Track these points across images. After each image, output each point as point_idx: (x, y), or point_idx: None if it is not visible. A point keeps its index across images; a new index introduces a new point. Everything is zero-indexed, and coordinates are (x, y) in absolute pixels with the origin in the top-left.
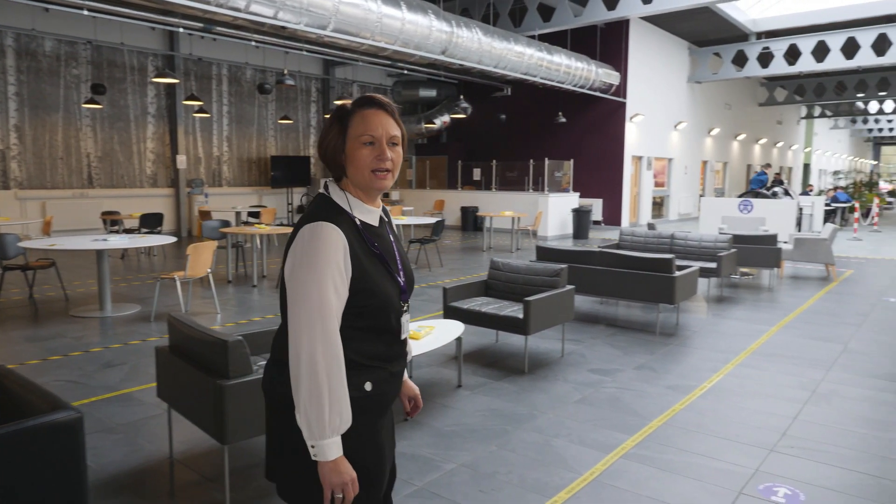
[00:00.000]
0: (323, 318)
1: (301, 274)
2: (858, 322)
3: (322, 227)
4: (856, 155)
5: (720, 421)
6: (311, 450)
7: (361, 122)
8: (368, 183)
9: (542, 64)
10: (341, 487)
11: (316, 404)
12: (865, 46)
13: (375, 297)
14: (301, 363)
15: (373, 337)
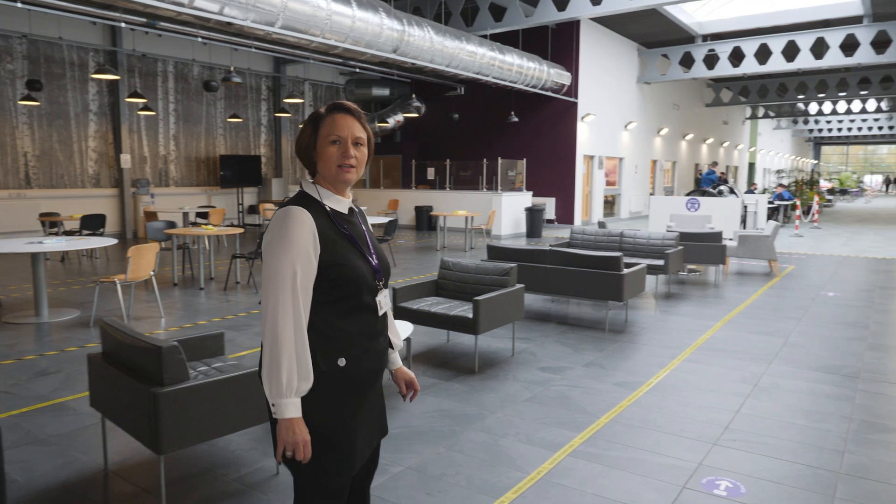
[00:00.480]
0: (287, 288)
1: (271, 250)
2: (798, 316)
3: (291, 210)
4: (797, 154)
5: (666, 416)
6: (272, 408)
7: (331, 124)
8: (335, 176)
9: (494, 63)
10: (293, 446)
11: (276, 365)
12: (805, 50)
13: (346, 269)
14: (266, 328)
15: (345, 311)
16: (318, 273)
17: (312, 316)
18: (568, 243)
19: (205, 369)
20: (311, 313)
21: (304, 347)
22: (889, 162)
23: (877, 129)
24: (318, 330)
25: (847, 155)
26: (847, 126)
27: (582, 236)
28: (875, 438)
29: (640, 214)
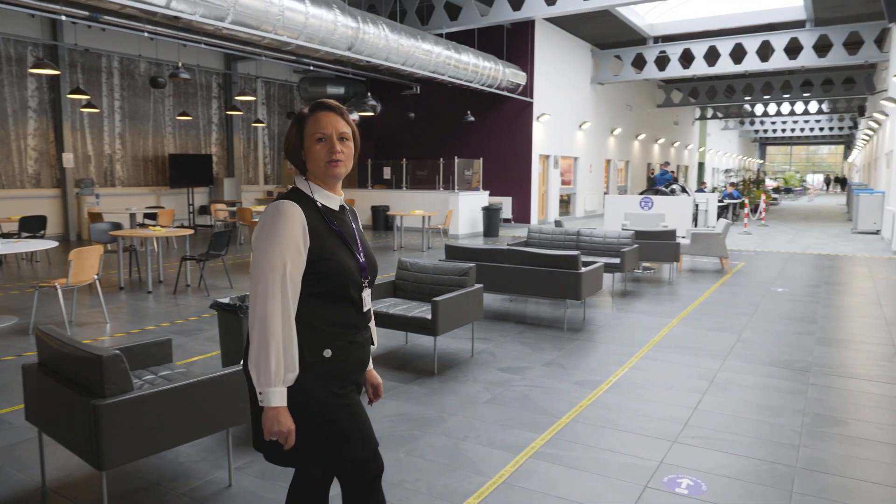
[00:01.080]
0: (277, 280)
1: (261, 243)
2: (750, 312)
3: (281, 204)
4: (744, 154)
5: (625, 414)
6: (259, 396)
7: (314, 123)
8: (325, 172)
9: (450, 62)
10: (277, 435)
11: (264, 355)
12: (751, 52)
13: (333, 263)
14: (255, 318)
15: (332, 304)
16: (306, 266)
17: (300, 308)
18: (525, 242)
19: (151, 378)
20: (300, 306)
21: (291, 338)
22: (829, 162)
23: (818, 130)
24: (305, 322)
25: (790, 155)
26: (790, 127)
27: (539, 235)
28: (828, 432)
29: (595, 213)
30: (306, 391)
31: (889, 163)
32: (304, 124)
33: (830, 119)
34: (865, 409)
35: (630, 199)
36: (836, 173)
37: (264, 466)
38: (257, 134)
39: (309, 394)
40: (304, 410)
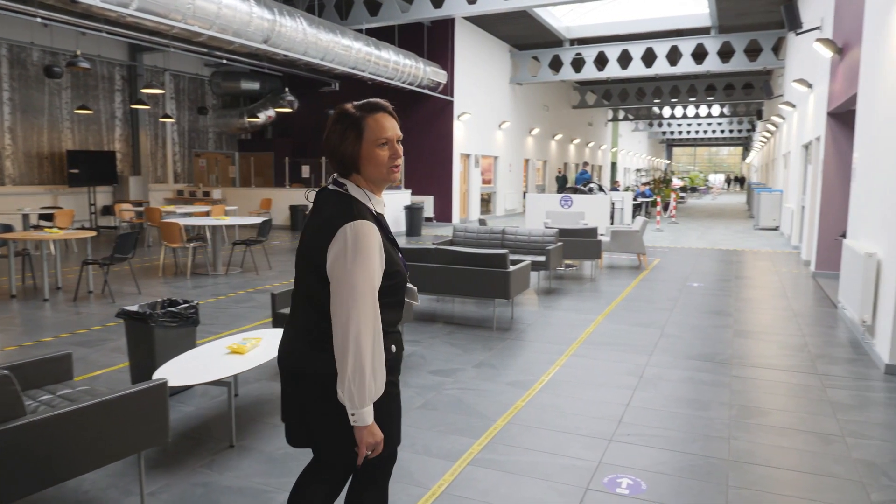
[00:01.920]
0: (368, 304)
1: (348, 267)
2: (670, 307)
3: (363, 225)
4: (653, 154)
5: (561, 414)
6: (352, 418)
7: (376, 127)
8: (386, 178)
9: (370, 59)
10: (373, 447)
11: (359, 378)
12: (661, 56)
13: (399, 276)
14: (349, 343)
15: (393, 308)
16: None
17: None
18: (451, 241)
19: (47, 399)
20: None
21: (381, 357)
22: (729, 162)
23: (720, 132)
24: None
25: (694, 156)
26: (695, 129)
27: (464, 234)
28: (754, 423)
29: (515, 212)
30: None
31: (786, 163)
32: (364, 126)
33: (731, 122)
34: (785, 398)
35: (550, 198)
36: (735, 173)
37: (181, 490)
38: (166, 130)
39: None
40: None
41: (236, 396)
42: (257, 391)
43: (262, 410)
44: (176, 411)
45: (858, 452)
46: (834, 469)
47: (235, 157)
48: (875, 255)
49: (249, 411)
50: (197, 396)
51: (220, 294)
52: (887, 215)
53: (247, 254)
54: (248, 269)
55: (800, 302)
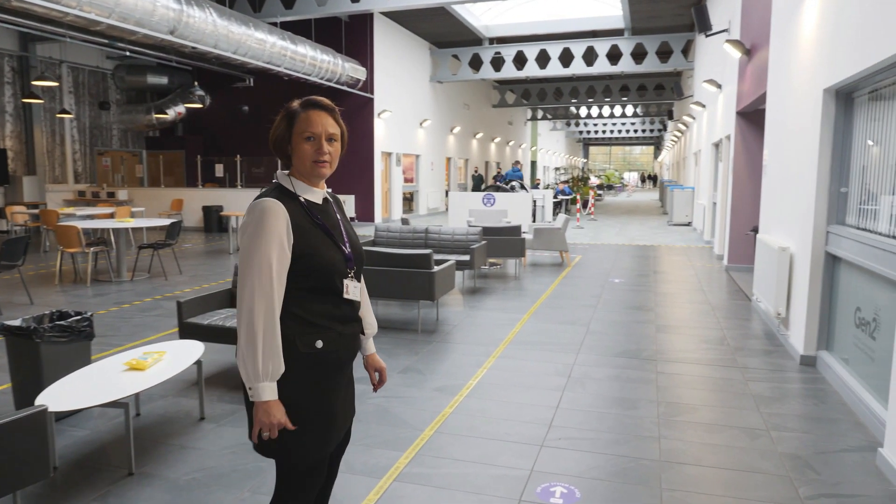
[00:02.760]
0: (261, 278)
1: (245, 242)
2: (594, 304)
3: (264, 202)
4: (570, 153)
5: (490, 420)
6: (249, 391)
7: (305, 121)
8: (310, 171)
9: (285, 54)
10: (269, 427)
11: (251, 351)
12: (578, 57)
13: (316, 259)
14: (242, 316)
15: (319, 297)
16: (291, 262)
17: (290, 302)
18: (373, 242)
19: None
20: (289, 300)
21: (275, 334)
22: (642, 161)
23: (633, 132)
24: (295, 315)
25: (610, 154)
26: (610, 129)
27: (387, 234)
28: (682, 420)
29: (438, 211)
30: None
31: (697, 161)
32: (295, 120)
33: (644, 122)
34: (709, 393)
35: (473, 196)
36: (647, 171)
37: None
38: (64, 126)
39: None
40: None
41: (137, 416)
42: (162, 409)
43: (166, 431)
44: (67, 437)
45: (783, 446)
46: (762, 465)
47: (143, 156)
48: (788, 249)
49: (152, 433)
50: (93, 419)
51: (123, 302)
52: (799, 211)
53: (155, 258)
54: (157, 274)
55: (716, 295)
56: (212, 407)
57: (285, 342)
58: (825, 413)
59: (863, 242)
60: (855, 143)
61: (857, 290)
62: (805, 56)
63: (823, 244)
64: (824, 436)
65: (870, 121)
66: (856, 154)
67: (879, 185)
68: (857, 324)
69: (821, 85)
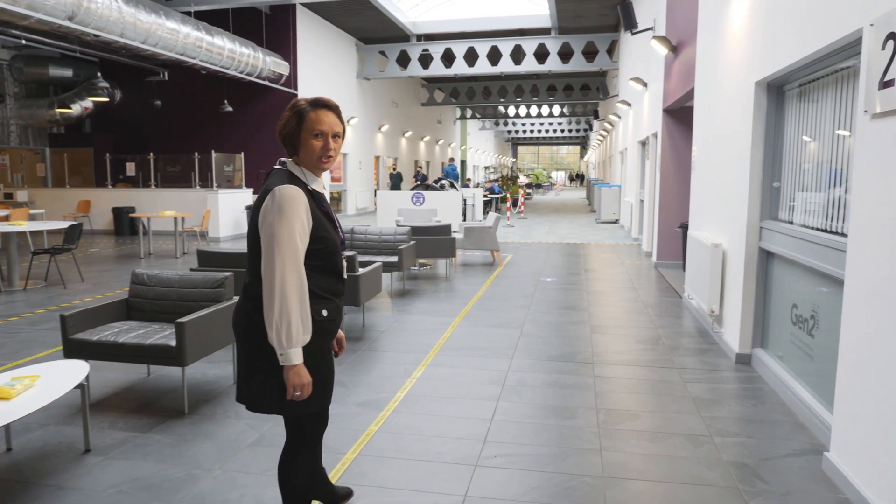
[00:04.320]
0: (292, 254)
1: (274, 223)
2: (526, 304)
3: (288, 188)
4: (500, 153)
5: (419, 438)
6: (280, 357)
7: (314, 119)
8: (316, 166)
9: (201, 45)
10: (300, 387)
11: (286, 320)
12: (506, 55)
13: (328, 242)
14: (275, 289)
15: (326, 275)
16: (309, 244)
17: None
18: None
19: None
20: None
21: (307, 304)
22: (569, 160)
23: (560, 132)
24: (309, 290)
25: (538, 154)
26: (538, 128)
27: None
28: (623, 429)
29: (367, 210)
30: (313, 348)
31: (624, 159)
32: (304, 118)
33: (570, 121)
34: (648, 397)
35: (402, 196)
36: (574, 170)
37: None
38: None
39: (315, 350)
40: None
41: (8, 452)
42: (39, 442)
43: (41, 469)
44: None
45: (728, 453)
46: (709, 476)
47: (46, 154)
48: (721, 246)
49: (23, 472)
50: None
51: (11, 315)
52: (731, 207)
53: (53, 264)
54: (55, 282)
55: (647, 293)
56: (100, 436)
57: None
58: (766, 414)
59: (798, 237)
60: (786, 136)
61: (793, 287)
62: (735, 50)
63: (757, 240)
64: (767, 440)
65: (800, 114)
66: (787, 148)
67: (812, 179)
68: (794, 321)
69: (752, 78)
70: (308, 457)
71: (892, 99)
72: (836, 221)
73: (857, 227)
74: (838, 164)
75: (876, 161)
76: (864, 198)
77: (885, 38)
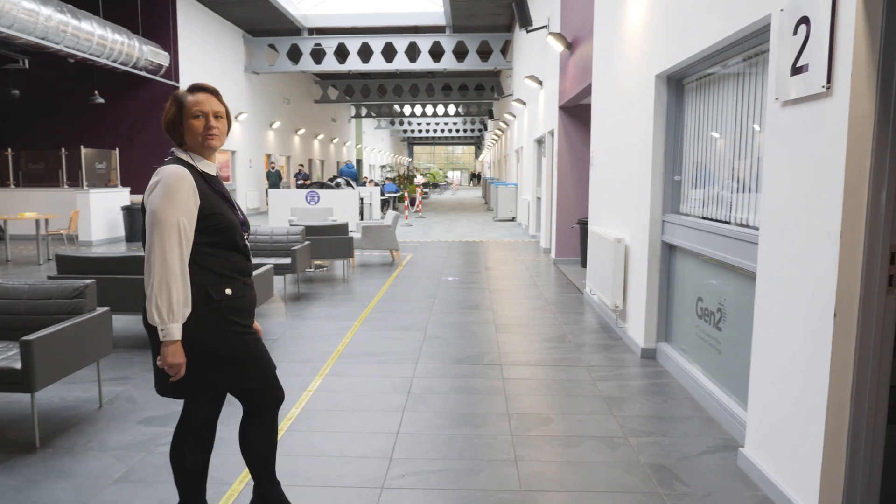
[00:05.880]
0: (174, 234)
1: (155, 200)
2: (429, 304)
3: (171, 168)
4: (396, 152)
5: (317, 461)
6: (161, 332)
7: (193, 102)
8: (201, 144)
9: (66, 30)
10: (175, 367)
11: (165, 294)
12: (401, 52)
13: (222, 218)
14: (154, 265)
15: (224, 253)
16: (199, 220)
17: (201, 256)
18: None
19: None
20: (200, 254)
21: (186, 281)
22: (464, 160)
23: (455, 132)
24: (207, 267)
25: (433, 154)
26: (433, 128)
27: None
28: (536, 435)
29: (259, 210)
30: (218, 328)
31: (520, 158)
32: (184, 103)
33: (465, 121)
34: (560, 398)
35: (296, 194)
36: (471, 170)
37: None
38: None
39: (219, 329)
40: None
41: None
42: None
43: None
44: None
45: (645, 455)
46: (629, 481)
47: None
48: (623, 240)
49: None
50: None
51: None
52: (632, 201)
53: None
54: None
55: (548, 290)
56: None
57: (199, 291)
58: (676, 410)
59: (703, 230)
60: (686, 129)
61: (698, 280)
62: (634, 44)
63: (660, 233)
64: (681, 437)
65: (699, 106)
66: (687, 140)
67: (713, 171)
68: (700, 314)
69: (653, 71)
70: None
71: (805, 85)
72: (744, 213)
73: (768, 220)
74: (743, 155)
75: (787, 150)
76: (777, 188)
77: (796, 22)
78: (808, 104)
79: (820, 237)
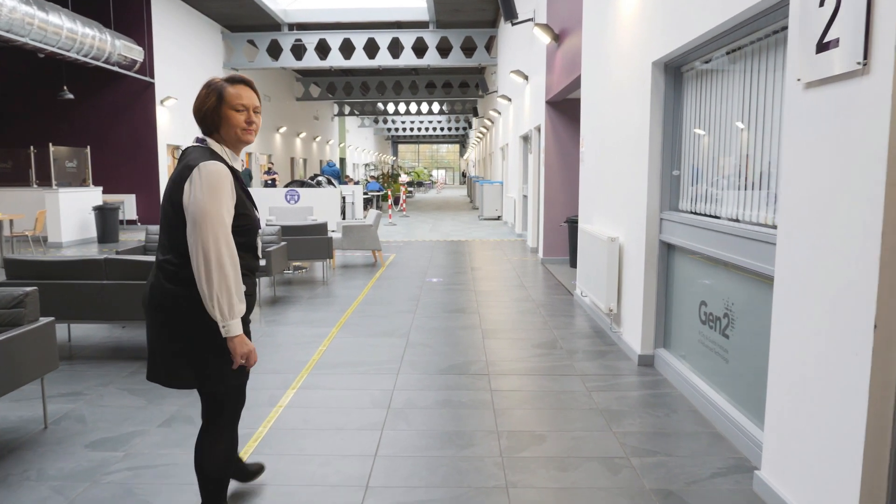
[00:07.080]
0: (224, 229)
1: (204, 199)
2: (412, 308)
3: (214, 164)
4: (380, 151)
5: (286, 491)
6: (223, 329)
7: (236, 95)
8: (238, 138)
9: (32, 22)
10: (247, 355)
11: (226, 292)
12: (384, 48)
13: (249, 219)
14: (211, 264)
15: (245, 252)
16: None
17: None
18: (143, 248)
19: None
20: None
21: (240, 279)
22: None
23: (440, 130)
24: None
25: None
26: (417, 126)
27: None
28: (529, 456)
29: None
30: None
31: (505, 155)
32: (224, 93)
33: (449, 120)
34: (553, 412)
35: (275, 193)
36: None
37: None
38: None
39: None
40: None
41: None
42: None
43: None
44: None
45: (650, 479)
46: None
47: None
48: (618, 240)
49: None
50: None
51: None
52: (627, 198)
53: None
54: None
55: (537, 291)
56: None
57: None
58: (680, 425)
59: (709, 229)
60: (685, 121)
61: (701, 282)
62: (628, 31)
63: (657, 232)
64: (688, 457)
65: (699, 96)
66: (686, 133)
67: (719, 164)
68: (704, 319)
69: (649, 59)
70: (226, 436)
71: (835, 62)
72: (755, 210)
73: (789, 217)
74: (753, 146)
75: (812, 138)
76: (798, 182)
77: None
78: (839, 84)
79: (854, 235)
